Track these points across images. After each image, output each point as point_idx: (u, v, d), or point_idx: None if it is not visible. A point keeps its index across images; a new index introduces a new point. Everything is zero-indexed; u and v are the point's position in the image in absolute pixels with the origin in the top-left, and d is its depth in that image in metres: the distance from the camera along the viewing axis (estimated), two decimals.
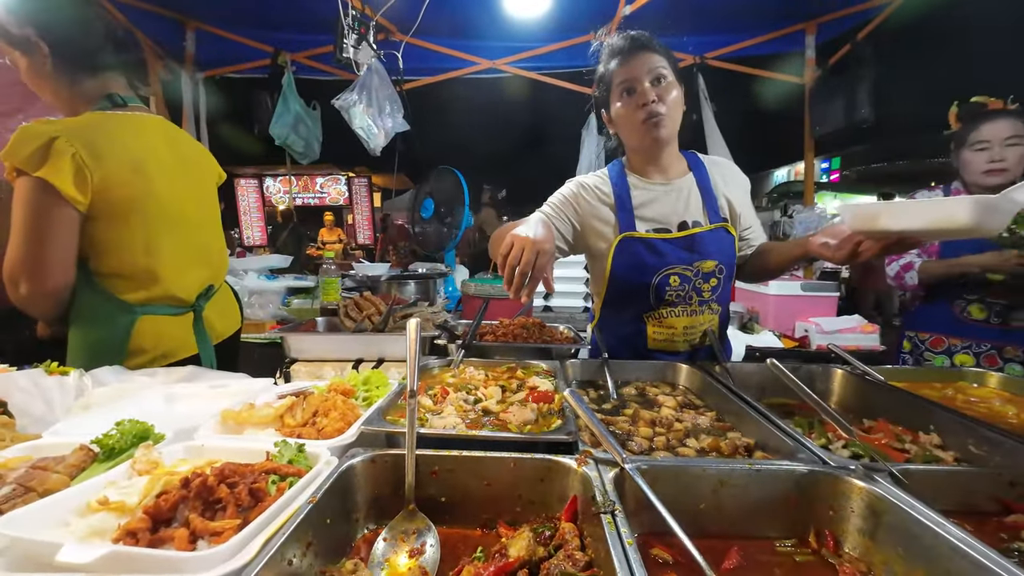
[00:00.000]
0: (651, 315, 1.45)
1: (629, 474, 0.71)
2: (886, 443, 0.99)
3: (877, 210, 1.05)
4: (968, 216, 0.92)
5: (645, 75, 1.32)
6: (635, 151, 1.47)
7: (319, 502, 0.65)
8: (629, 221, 1.42)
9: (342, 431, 0.86)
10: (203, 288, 1.52)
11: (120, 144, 1.31)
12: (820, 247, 1.19)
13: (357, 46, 2.51)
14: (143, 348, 1.39)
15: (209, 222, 1.59)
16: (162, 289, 1.41)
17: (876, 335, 2.21)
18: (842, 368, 1.34)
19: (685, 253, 1.40)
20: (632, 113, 1.35)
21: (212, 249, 1.58)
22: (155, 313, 1.41)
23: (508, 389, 1.13)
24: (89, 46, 1.33)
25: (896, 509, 0.65)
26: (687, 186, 1.46)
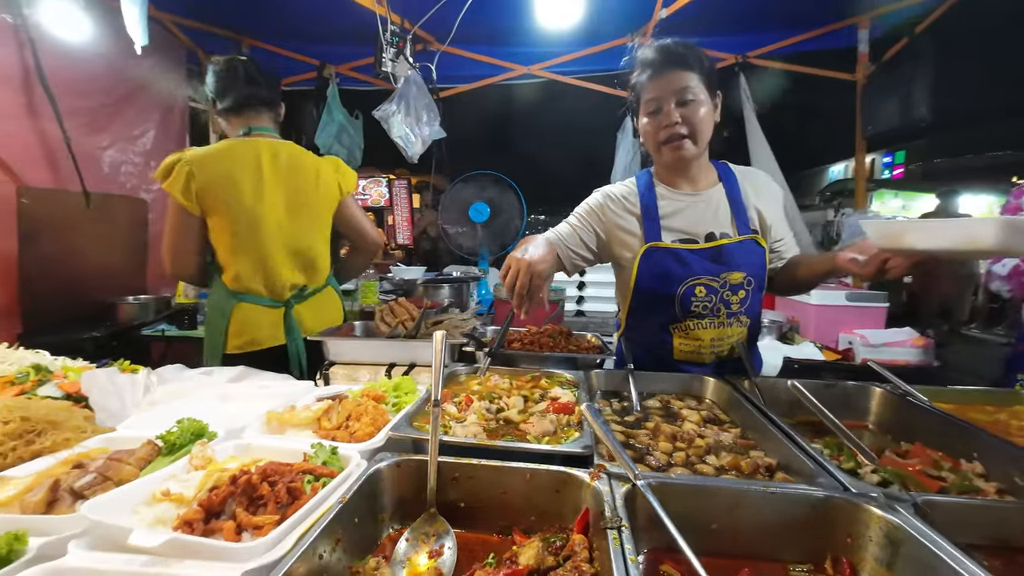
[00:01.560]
0: (677, 326, 1.44)
1: (640, 490, 0.73)
2: (920, 469, 0.95)
3: (902, 228, 1.03)
4: (993, 238, 0.88)
5: (671, 95, 1.32)
6: (659, 164, 1.49)
7: (348, 502, 0.71)
8: (655, 231, 1.42)
9: (372, 435, 0.93)
10: (295, 289, 1.79)
11: (220, 162, 1.67)
12: (848, 263, 1.18)
13: (395, 59, 2.61)
14: (237, 332, 1.72)
15: (309, 229, 1.82)
16: (252, 282, 1.72)
17: (930, 350, 2.07)
18: (882, 387, 1.29)
19: (712, 264, 1.38)
20: (655, 132, 1.37)
21: (310, 253, 1.82)
22: (249, 302, 1.72)
23: (530, 399, 1.17)
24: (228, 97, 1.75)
25: (915, 541, 0.64)
26: (716, 197, 1.45)
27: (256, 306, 1.74)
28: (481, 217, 3.55)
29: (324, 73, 3.67)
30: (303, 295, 1.81)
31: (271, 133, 1.82)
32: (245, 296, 1.73)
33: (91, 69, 2.77)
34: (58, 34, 2.56)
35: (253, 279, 1.73)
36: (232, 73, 1.75)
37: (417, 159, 3.05)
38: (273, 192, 1.73)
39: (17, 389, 1.09)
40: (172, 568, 0.55)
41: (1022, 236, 0.87)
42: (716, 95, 1.39)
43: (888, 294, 2.34)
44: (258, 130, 1.79)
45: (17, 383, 1.13)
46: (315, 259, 1.84)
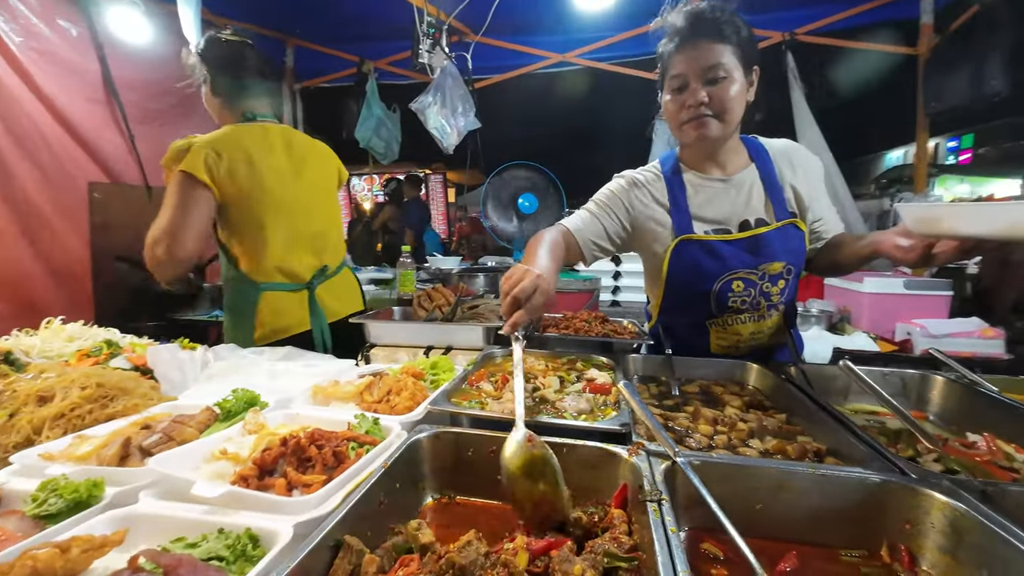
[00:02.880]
0: (714, 322, 1.37)
1: (680, 467, 0.72)
2: (989, 460, 0.88)
3: (939, 213, 0.94)
4: None
5: (700, 72, 1.19)
6: (683, 147, 1.39)
7: (390, 468, 0.74)
8: (685, 222, 1.32)
9: (411, 409, 0.95)
10: (316, 270, 1.81)
11: (238, 146, 1.62)
12: (892, 247, 1.09)
13: (431, 51, 2.65)
14: (264, 322, 1.70)
15: (322, 213, 1.85)
16: (276, 268, 1.72)
17: (1000, 341, 1.91)
18: (945, 375, 1.21)
19: (749, 256, 1.29)
20: (678, 111, 1.26)
21: (326, 236, 1.85)
22: (274, 289, 1.70)
23: (566, 380, 1.16)
24: (236, 80, 1.71)
25: (983, 528, 0.60)
26: (749, 180, 1.34)
27: (282, 293, 1.71)
28: (530, 209, 3.53)
29: (363, 68, 3.76)
30: (324, 276, 1.81)
31: (273, 120, 1.80)
32: (270, 285, 1.69)
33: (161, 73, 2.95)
34: (125, 39, 2.75)
35: (280, 264, 1.70)
36: (241, 56, 1.71)
37: (452, 150, 3.08)
38: (291, 176, 1.75)
39: (92, 361, 1.20)
40: (230, 517, 0.59)
41: None
42: (753, 70, 1.26)
43: (952, 283, 2.18)
44: (262, 116, 1.77)
45: (92, 356, 1.23)
46: (334, 240, 1.89)
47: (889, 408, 0.79)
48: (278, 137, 1.76)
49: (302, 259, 1.77)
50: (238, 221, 1.68)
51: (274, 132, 1.76)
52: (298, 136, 1.83)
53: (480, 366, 1.27)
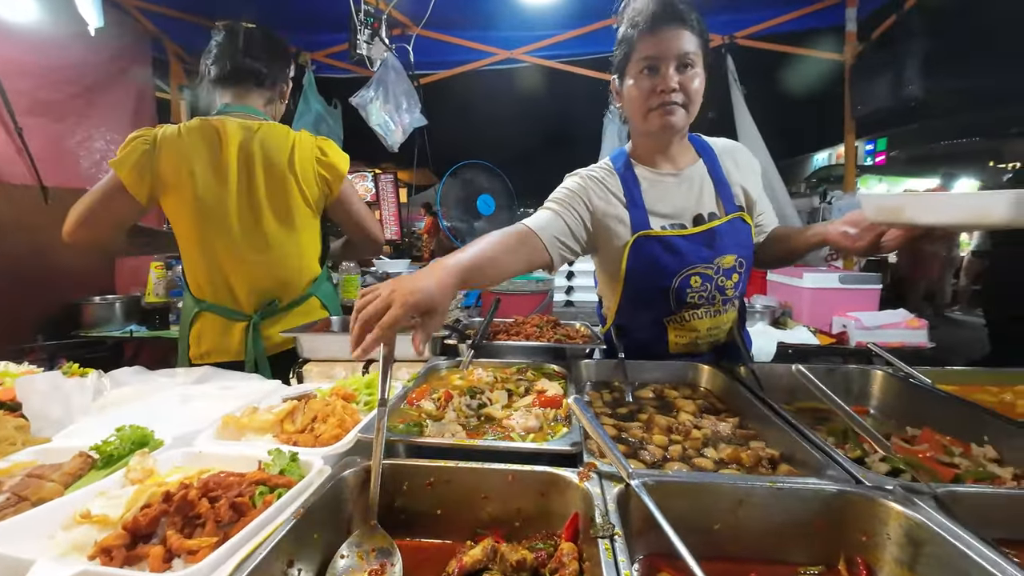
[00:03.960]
0: (672, 319, 1.34)
1: (634, 491, 0.66)
2: (931, 456, 0.89)
3: (902, 202, 0.98)
4: (1006, 211, 0.84)
5: (673, 57, 1.16)
6: (642, 136, 1.33)
7: (305, 516, 0.63)
8: (642, 218, 1.29)
9: (339, 438, 0.84)
10: (262, 303, 1.57)
11: (180, 147, 1.46)
12: (840, 236, 1.11)
13: (370, 42, 2.49)
14: (201, 341, 1.57)
15: (281, 235, 1.56)
16: (213, 293, 1.55)
17: (924, 331, 2.04)
18: (883, 370, 1.23)
19: (705, 250, 1.28)
20: (647, 96, 1.20)
21: (282, 263, 1.58)
22: (212, 312, 1.56)
23: (515, 393, 1.09)
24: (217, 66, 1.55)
25: (940, 539, 0.57)
26: (698, 175, 1.34)
27: (218, 317, 1.56)
28: (489, 209, 3.44)
29: (299, 60, 3.52)
30: (274, 310, 1.59)
31: (255, 115, 1.57)
32: (207, 305, 1.56)
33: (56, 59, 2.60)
34: (10, 18, 2.39)
35: (213, 289, 1.54)
36: (229, 39, 1.54)
37: (397, 148, 2.93)
38: (236, 187, 1.50)
39: None
40: None
41: None
42: (706, 70, 1.25)
43: (881, 276, 2.31)
44: (237, 109, 1.55)
45: None
46: (289, 268, 1.60)
47: (842, 413, 0.77)
48: (232, 136, 1.49)
49: (240, 287, 1.54)
50: (176, 228, 1.54)
51: (229, 130, 1.49)
52: (264, 135, 1.52)
53: (423, 380, 1.17)
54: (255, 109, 1.59)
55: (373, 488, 0.72)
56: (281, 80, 1.68)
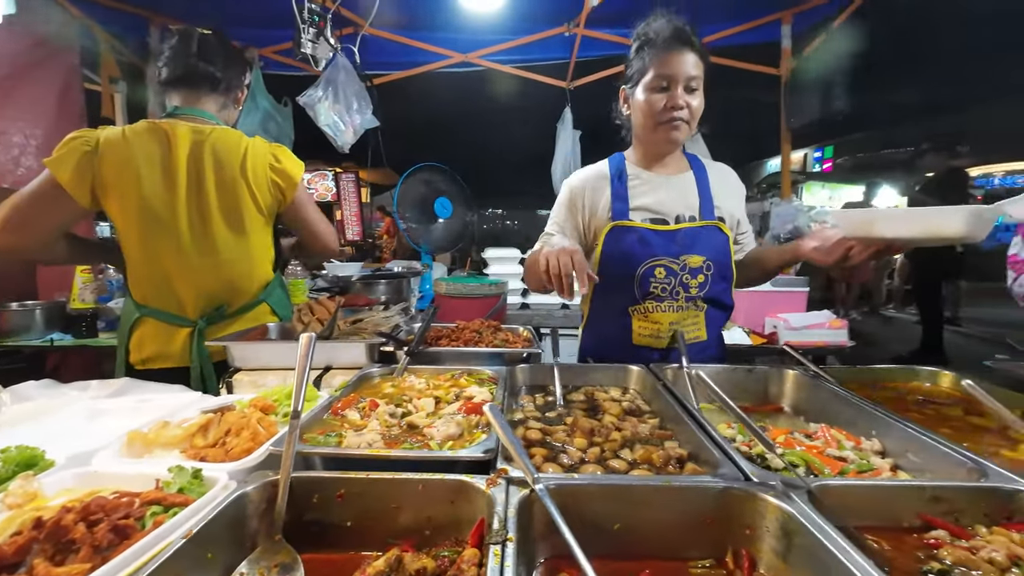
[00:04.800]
0: (636, 309, 1.44)
1: (538, 495, 0.68)
2: (823, 450, 0.96)
3: (872, 217, 1.10)
4: (960, 226, 0.96)
5: (682, 78, 1.31)
6: (644, 142, 1.47)
7: (198, 535, 0.61)
8: (623, 210, 1.43)
9: (251, 452, 0.82)
10: (209, 308, 1.54)
11: (125, 148, 1.42)
12: (812, 252, 1.26)
13: (315, 41, 2.44)
14: (141, 347, 1.52)
15: (231, 240, 1.54)
16: (157, 297, 1.51)
17: (844, 331, 2.19)
18: (795, 369, 1.32)
19: (674, 246, 1.40)
20: (657, 111, 1.35)
21: (232, 269, 1.56)
22: (154, 317, 1.52)
23: (443, 400, 1.09)
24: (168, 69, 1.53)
25: (806, 530, 0.62)
26: (686, 182, 1.47)
27: (161, 323, 1.52)
28: (446, 212, 3.41)
29: (246, 56, 3.38)
30: (221, 315, 1.56)
31: (207, 119, 1.54)
32: (149, 311, 1.52)
33: None
34: None
35: (157, 295, 1.51)
36: (183, 42, 1.52)
37: (348, 149, 2.88)
38: (185, 191, 1.47)
39: None
40: None
41: (983, 224, 0.95)
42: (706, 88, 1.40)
43: (809, 279, 2.47)
44: (188, 112, 1.52)
45: None
46: (238, 273, 1.58)
47: (732, 414, 0.83)
48: (182, 139, 1.46)
49: (186, 293, 1.51)
50: (119, 230, 1.48)
51: (179, 133, 1.46)
52: (216, 139, 1.49)
53: (353, 389, 1.16)
54: (208, 113, 1.57)
55: (280, 502, 0.71)
56: (236, 86, 1.67)
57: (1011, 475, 0.74)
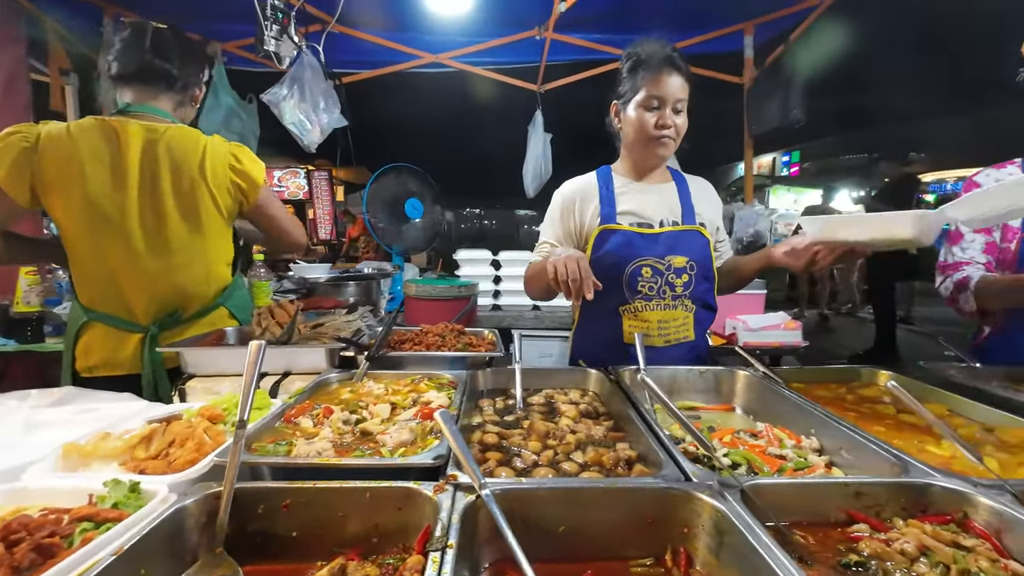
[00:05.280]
0: (627, 308, 1.51)
1: (484, 501, 0.69)
2: (765, 449, 1.00)
3: (837, 224, 1.23)
4: (910, 229, 1.06)
5: (672, 100, 1.42)
6: (632, 155, 1.56)
7: (130, 552, 0.60)
8: (610, 215, 1.52)
9: (195, 463, 0.80)
10: (161, 314, 1.49)
11: (70, 144, 1.37)
12: (784, 256, 1.37)
13: (279, 38, 2.39)
14: (86, 352, 1.47)
15: (187, 243, 1.49)
16: (105, 301, 1.45)
17: (799, 332, 2.29)
18: (747, 370, 1.37)
19: (658, 247, 1.49)
20: (647, 127, 1.44)
21: (187, 272, 1.51)
22: (103, 322, 1.46)
23: (400, 406, 1.09)
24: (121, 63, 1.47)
25: (735, 528, 0.65)
26: (669, 191, 1.59)
27: (109, 328, 1.46)
28: (416, 213, 3.38)
29: (208, 50, 3.28)
30: (176, 321, 1.52)
31: (161, 117, 1.49)
32: (97, 315, 1.46)
33: None
34: None
35: (105, 298, 1.45)
36: (135, 36, 1.46)
37: (314, 148, 2.83)
38: (138, 191, 1.42)
39: None
40: None
41: (929, 227, 1.06)
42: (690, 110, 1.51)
43: (767, 281, 2.56)
44: (140, 110, 1.47)
45: None
46: (194, 276, 1.53)
47: (671, 415, 0.86)
48: (135, 137, 1.41)
49: (137, 297, 1.46)
50: (63, 230, 1.43)
51: (132, 131, 1.41)
52: (171, 138, 1.45)
53: (308, 396, 1.15)
54: (162, 111, 1.52)
55: (222, 514, 0.70)
56: (193, 84, 1.61)
57: (928, 470, 0.79)
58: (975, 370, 1.33)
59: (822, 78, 4.10)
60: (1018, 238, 1.40)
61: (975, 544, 0.66)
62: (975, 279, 1.46)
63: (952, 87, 6.45)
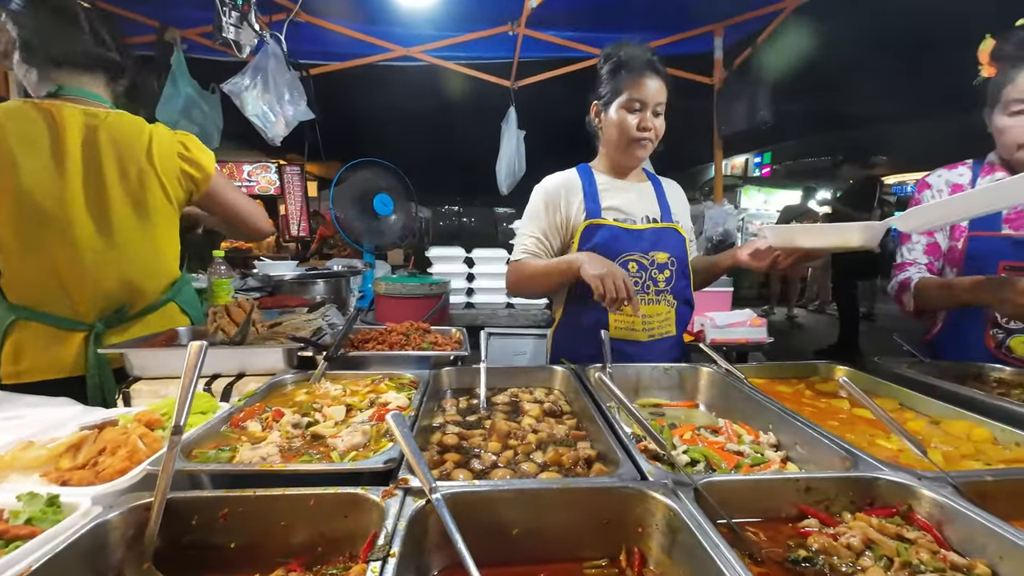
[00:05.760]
0: None
1: (434, 505, 0.67)
2: (723, 446, 1.01)
3: (794, 231, 1.34)
4: (858, 238, 1.19)
5: (652, 103, 1.46)
6: (613, 155, 1.59)
7: (41, 571, 0.55)
8: (595, 209, 1.54)
9: (127, 472, 0.75)
10: (107, 310, 1.40)
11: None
12: (748, 258, 1.48)
13: (239, 25, 2.29)
14: (14, 357, 1.35)
15: (133, 235, 1.42)
16: (40, 298, 1.35)
17: (763, 328, 2.34)
18: (710, 367, 1.38)
19: (643, 243, 1.53)
20: (629, 129, 1.48)
21: (133, 265, 1.43)
22: (35, 321, 1.36)
23: (356, 408, 1.06)
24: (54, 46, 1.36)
25: (687, 527, 0.65)
26: (647, 190, 1.64)
27: (45, 327, 1.36)
28: (386, 209, 3.31)
29: (166, 37, 3.13)
30: (122, 317, 1.43)
31: (98, 102, 1.41)
32: (29, 313, 1.35)
33: None
34: None
35: (43, 295, 1.36)
36: (64, 12, 1.36)
37: (279, 141, 2.73)
38: (81, 180, 1.34)
39: None
40: None
41: (875, 235, 1.18)
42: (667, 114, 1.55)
43: (733, 280, 2.61)
44: (75, 93, 1.38)
45: None
46: (142, 268, 1.46)
47: (626, 412, 0.85)
48: (73, 122, 1.32)
49: (80, 292, 1.36)
50: None
51: (68, 116, 1.32)
52: (112, 125, 1.37)
53: (260, 398, 1.10)
54: (97, 95, 1.43)
55: (151, 526, 0.65)
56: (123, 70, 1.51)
57: (876, 464, 0.80)
58: (925, 365, 1.37)
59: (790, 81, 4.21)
60: (965, 236, 1.45)
61: (917, 536, 0.67)
62: (915, 280, 1.51)
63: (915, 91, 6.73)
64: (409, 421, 0.97)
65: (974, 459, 0.90)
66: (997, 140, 1.41)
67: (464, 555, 0.59)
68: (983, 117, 1.43)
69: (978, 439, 0.96)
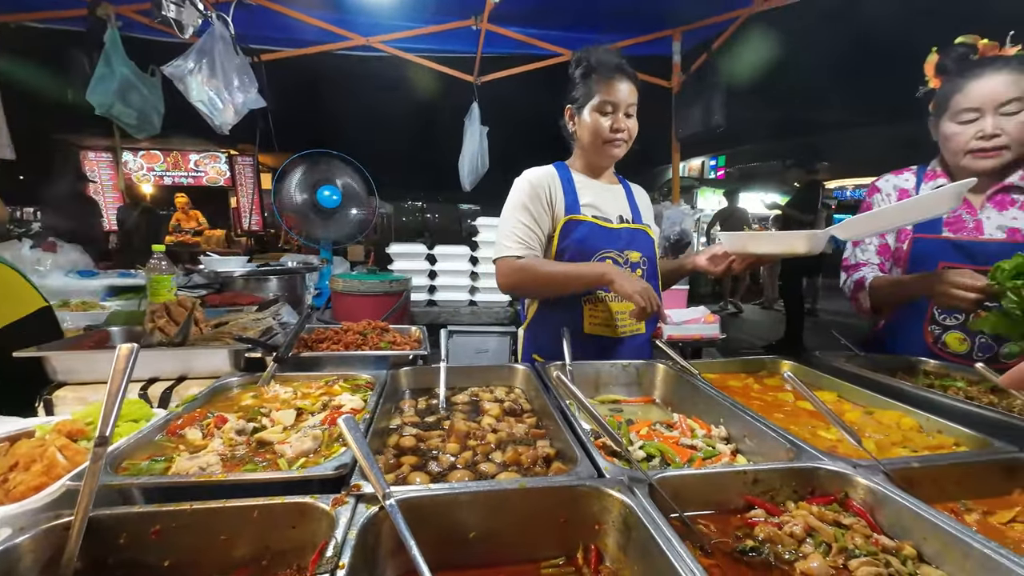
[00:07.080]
0: (588, 298, 1.57)
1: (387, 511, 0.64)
2: (677, 440, 1.04)
3: (746, 239, 1.47)
4: (804, 245, 1.32)
5: (624, 105, 1.49)
6: (587, 156, 1.63)
7: None
8: (575, 205, 1.57)
9: (42, 488, 0.68)
10: None
11: None
12: (706, 263, 1.58)
13: (181, 3, 2.14)
14: None
15: None
16: None
17: (717, 325, 2.44)
18: (665, 363, 1.42)
19: (619, 241, 1.57)
20: (602, 130, 1.51)
21: None
22: None
23: (308, 411, 1.01)
24: None
25: (640, 523, 0.66)
26: (619, 192, 1.70)
27: None
28: (332, 203, 3.17)
29: (98, 12, 2.88)
30: None
31: None
32: None
33: None
34: None
35: None
36: None
37: (227, 130, 2.58)
38: None
39: None
40: None
41: (819, 242, 1.31)
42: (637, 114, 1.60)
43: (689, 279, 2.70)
44: None
45: None
46: None
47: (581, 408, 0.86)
48: None
49: None
50: None
51: None
52: None
53: (202, 403, 1.03)
54: None
55: (70, 547, 0.59)
56: None
57: (816, 454, 0.84)
58: (861, 359, 1.47)
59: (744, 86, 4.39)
60: (909, 239, 1.55)
61: (853, 522, 0.71)
62: (869, 279, 1.57)
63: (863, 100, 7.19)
64: (364, 424, 0.93)
65: (902, 446, 0.96)
66: (943, 146, 1.46)
67: (418, 561, 0.57)
68: (927, 125, 1.51)
69: (906, 427, 1.03)
